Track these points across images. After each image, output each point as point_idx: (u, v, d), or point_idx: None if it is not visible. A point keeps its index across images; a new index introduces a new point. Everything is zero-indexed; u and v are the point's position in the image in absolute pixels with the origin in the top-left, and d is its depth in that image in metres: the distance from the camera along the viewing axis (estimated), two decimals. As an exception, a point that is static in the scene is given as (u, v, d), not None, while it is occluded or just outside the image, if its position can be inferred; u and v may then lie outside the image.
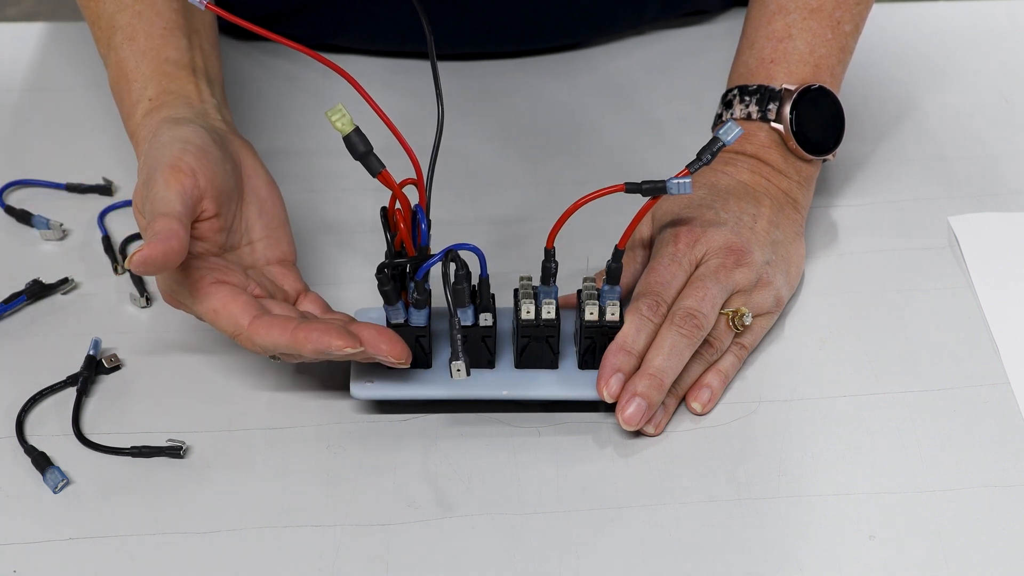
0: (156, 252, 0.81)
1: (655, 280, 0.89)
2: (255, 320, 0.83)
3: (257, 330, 0.83)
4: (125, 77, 0.94)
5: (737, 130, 0.85)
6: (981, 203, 1.04)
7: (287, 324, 0.82)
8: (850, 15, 0.99)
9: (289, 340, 0.82)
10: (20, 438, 0.87)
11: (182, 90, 0.93)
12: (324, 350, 0.81)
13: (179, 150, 0.86)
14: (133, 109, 0.93)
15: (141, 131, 0.91)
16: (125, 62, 0.94)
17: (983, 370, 0.91)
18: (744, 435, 0.88)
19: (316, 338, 0.81)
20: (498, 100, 1.14)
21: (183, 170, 0.85)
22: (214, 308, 0.84)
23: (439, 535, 0.82)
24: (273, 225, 0.90)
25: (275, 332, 0.82)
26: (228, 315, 0.83)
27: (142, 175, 0.87)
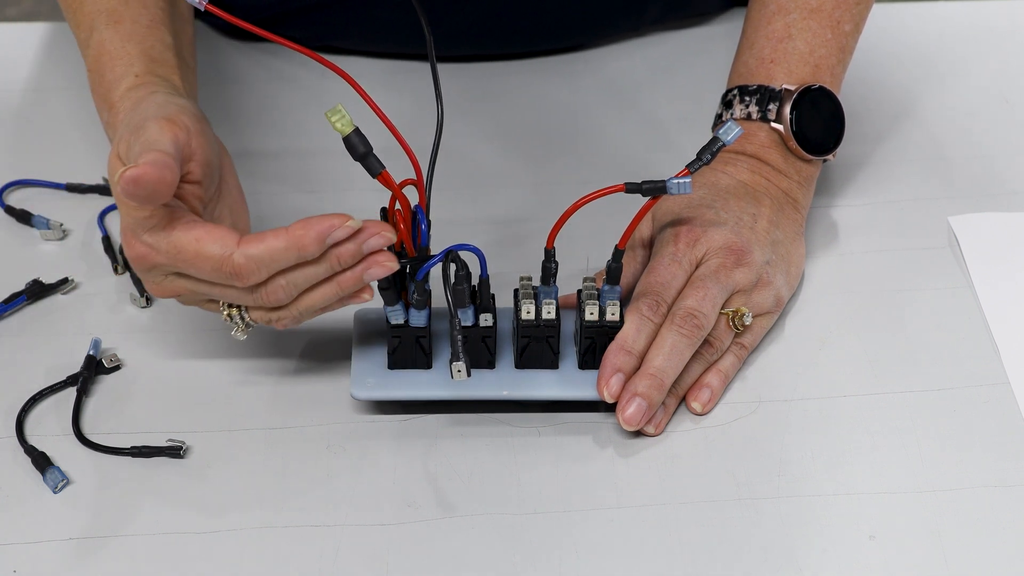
0: (149, 174, 0.77)
1: (655, 280, 0.89)
2: (246, 236, 0.79)
3: (250, 242, 0.79)
4: (108, 55, 0.91)
5: (737, 130, 0.85)
6: (981, 203, 1.04)
7: (279, 229, 0.79)
8: (850, 15, 0.99)
9: (287, 240, 0.78)
10: (20, 438, 0.87)
11: (168, 77, 0.91)
12: (327, 234, 0.78)
13: (176, 109, 0.84)
14: (116, 83, 0.89)
15: (125, 103, 0.88)
16: (109, 43, 0.91)
17: (983, 370, 0.91)
18: (744, 435, 0.88)
19: (316, 224, 0.78)
20: (498, 101, 1.14)
21: (178, 124, 0.82)
22: (197, 236, 0.79)
23: (439, 535, 0.82)
24: (241, 227, 0.88)
25: (269, 238, 0.79)
26: (215, 238, 0.79)
27: (128, 127, 0.83)
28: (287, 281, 0.81)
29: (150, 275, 0.83)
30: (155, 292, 0.84)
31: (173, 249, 0.80)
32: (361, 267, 0.81)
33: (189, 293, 0.84)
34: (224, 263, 0.79)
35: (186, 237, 0.79)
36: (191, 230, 0.79)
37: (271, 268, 0.80)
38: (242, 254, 0.79)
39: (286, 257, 0.79)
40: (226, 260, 0.79)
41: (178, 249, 0.80)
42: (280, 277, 0.81)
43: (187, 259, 0.80)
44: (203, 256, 0.79)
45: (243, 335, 0.86)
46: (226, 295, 0.83)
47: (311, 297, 0.83)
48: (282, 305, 0.83)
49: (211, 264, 0.79)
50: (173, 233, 0.80)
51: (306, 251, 0.79)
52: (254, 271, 0.80)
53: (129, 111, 0.87)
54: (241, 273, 0.79)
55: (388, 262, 0.81)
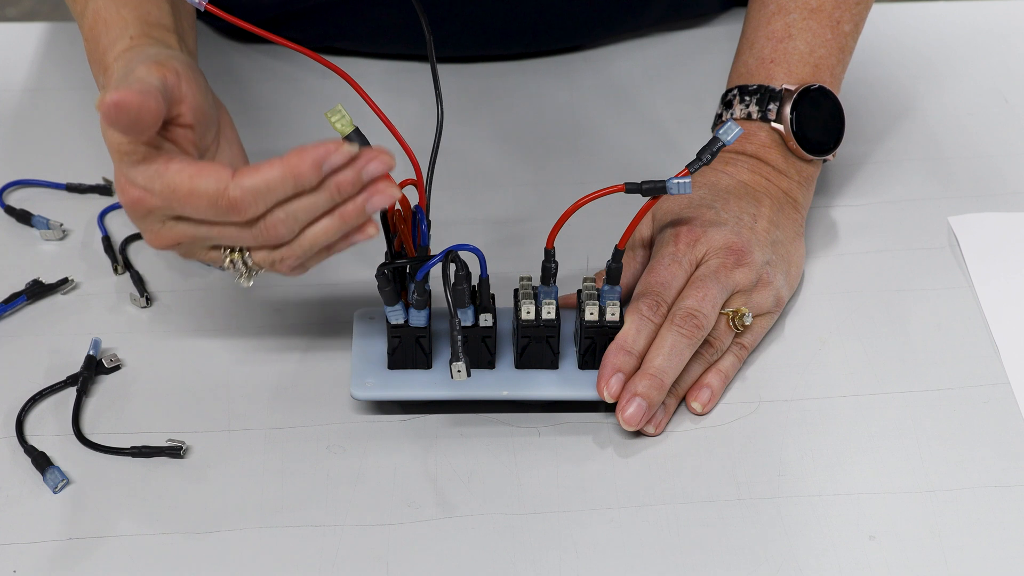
0: (132, 98, 0.74)
1: (655, 280, 0.89)
2: (241, 168, 0.76)
3: (245, 174, 0.76)
4: (103, 21, 0.87)
5: (737, 130, 0.85)
6: (981, 203, 1.04)
7: (274, 159, 0.76)
8: (850, 15, 0.99)
9: (283, 168, 0.76)
10: (20, 438, 0.87)
11: (165, 40, 0.87)
12: (323, 160, 0.75)
13: (168, 56, 0.81)
14: (111, 46, 0.86)
15: (119, 63, 0.84)
16: (104, 9, 0.88)
17: (983, 370, 0.91)
18: (744, 435, 0.88)
19: (312, 150, 0.75)
20: (498, 101, 1.14)
21: (168, 67, 0.80)
22: (190, 174, 0.77)
23: (439, 535, 0.82)
24: None
25: (265, 168, 0.76)
26: (209, 172, 0.76)
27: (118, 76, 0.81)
28: (286, 213, 0.78)
29: (147, 221, 0.80)
30: (154, 242, 0.82)
31: (167, 189, 0.78)
32: (363, 196, 0.78)
33: (188, 239, 0.81)
34: (220, 197, 0.76)
35: (180, 176, 0.77)
36: (184, 168, 0.77)
37: (268, 199, 0.77)
38: (237, 186, 0.76)
39: (283, 186, 0.76)
40: (222, 194, 0.76)
41: (172, 188, 0.77)
42: (279, 209, 0.78)
43: (182, 197, 0.77)
44: (198, 192, 0.77)
45: (248, 281, 0.83)
46: (225, 234, 0.80)
47: (313, 232, 0.79)
48: (284, 242, 0.80)
49: (207, 199, 0.77)
50: (167, 173, 0.77)
51: (303, 178, 0.76)
52: (251, 203, 0.77)
53: (122, 68, 0.84)
54: (238, 206, 0.77)
55: (389, 189, 0.78)
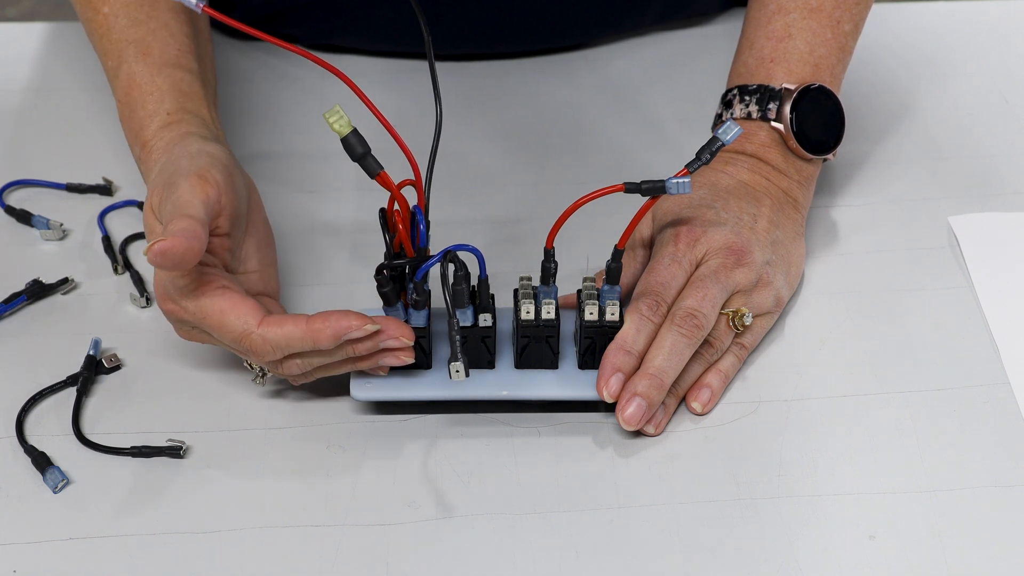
0: (178, 247, 0.80)
1: (655, 280, 0.89)
2: (267, 317, 0.83)
3: (270, 325, 0.82)
4: (139, 89, 0.94)
5: (736, 130, 0.85)
6: (981, 203, 1.04)
7: (299, 317, 0.82)
8: (849, 15, 0.99)
9: (304, 330, 0.82)
10: (20, 438, 0.87)
11: (198, 112, 0.94)
12: (343, 333, 0.81)
13: (207, 163, 0.87)
14: (148, 120, 0.93)
15: (158, 142, 0.91)
16: (139, 76, 0.94)
17: (983, 370, 0.91)
18: (744, 435, 0.88)
19: (334, 322, 0.81)
20: (497, 100, 1.14)
21: (209, 181, 0.85)
22: (222, 308, 0.83)
23: (439, 535, 0.82)
24: (267, 262, 0.91)
25: (288, 325, 0.82)
26: (239, 313, 0.83)
27: (161, 178, 0.86)
28: (303, 361, 0.85)
29: (178, 324, 0.87)
30: (183, 337, 0.87)
31: (200, 313, 0.84)
32: (376, 358, 0.84)
33: (213, 344, 0.87)
34: (243, 339, 0.83)
35: (212, 307, 0.83)
36: (217, 301, 0.83)
37: (286, 351, 0.83)
38: (260, 336, 0.82)
39: (302, 345, 0.82)
40: (245, 336, 0.83)
41: (204, 315, 0.84)
42: (296, 357, 0.84)
43: (210, 326, 0.84)
44: (225, 328, 0.83)
45: (262, 383, 0.89)
46: (245, 356, 0.86)
47: (326, 371, 0.86)
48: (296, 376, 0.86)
49: (231, 336, 0.83)
50: (200, 300, 0.83)
51: (321, 344, 0.82)
52: (270, 352, 0.83)
53: (162, 152, 0.90)
54: (257, 352, 0.83)
55: (404, 356, 0.84)
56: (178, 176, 0.85)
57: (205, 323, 0.84)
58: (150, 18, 0.96)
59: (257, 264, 0.90)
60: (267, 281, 0.90)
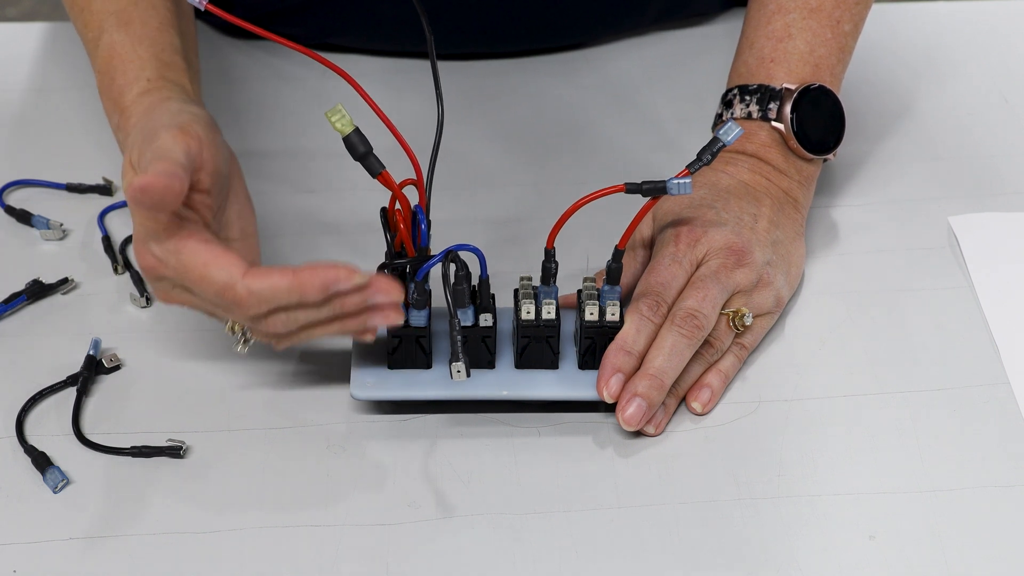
0: (157, 183, 0.77)
1: (655, 280, 0.89)
2: (252, 268, 0.79)
3: (255, 276, 0.79)
4: (119, 57, 0.92)
5: (737, 130, 0.85)
6: (981, 203, 1.04)
7: (286, 269, 0.79)
8: (849, 15, 0.99)
9: (291, 281, 0.78)
10: (20, 438, 0.87)
11: (179, 81, 0.91)
12: (331, 284, 0.78)
13: (189, 118, 0.84)
14: (128, 87, 0.90)
15: (136, 107, 0.89)
16: (119, 44, 0.92)
17: (983, 370, 0.91)
18: (744, 435, 0.88)
19: (322, 272, 0.78)
20: (498, 100, 1.14)
21: (191, 134, 0.82)
22: (204, 260, 0.80)
23: (439, 535, 0.82)
24: (248, 232, 0.88)
25: (274, 276, 0.79)
26: (221, 264, 0.79)
27: (140, 135, 0.84)
28: (288, 317, 0.81)
29: (158, 284, 0.83)
30: (162, 299, 0.84)
31: (180, 267, 0.80)
32: (365, 316, 0.81)
33: (194, 306, 0.84)
34: (226, 291, 0.80)
35: (194, 259, 0.80)
36: (199, 252, 0.80)
37: (272, 304, 0.80)
38: (245, 286, 0.79)
39: (288, 297, 0.79)
40: (228, 288, 0.79)
41: (185, 268, 0.80)
42: (281, 312, 0.81)
43: (192, 279, 0.80)
44: (207, 280, 0.80)
45: (244, 349, 0.87)
46: (228, 315, 0.83)
47: (311, 331, 0.83)
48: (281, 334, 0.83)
49: (214, 289, 0.80)
50: (182, 252, 0.80)
51: (308, 296, 0.79)
52: (254, 304, 0.80)
53: (141, 116, 0.87)
54: (242, 304, 0.80)
55: (393, 315, 0.81)
56: (160, 129, 0.83)
57: (187, 276, 0.81)
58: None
59: (239, 232, 0.86)
60: (248, 250, 0.87)
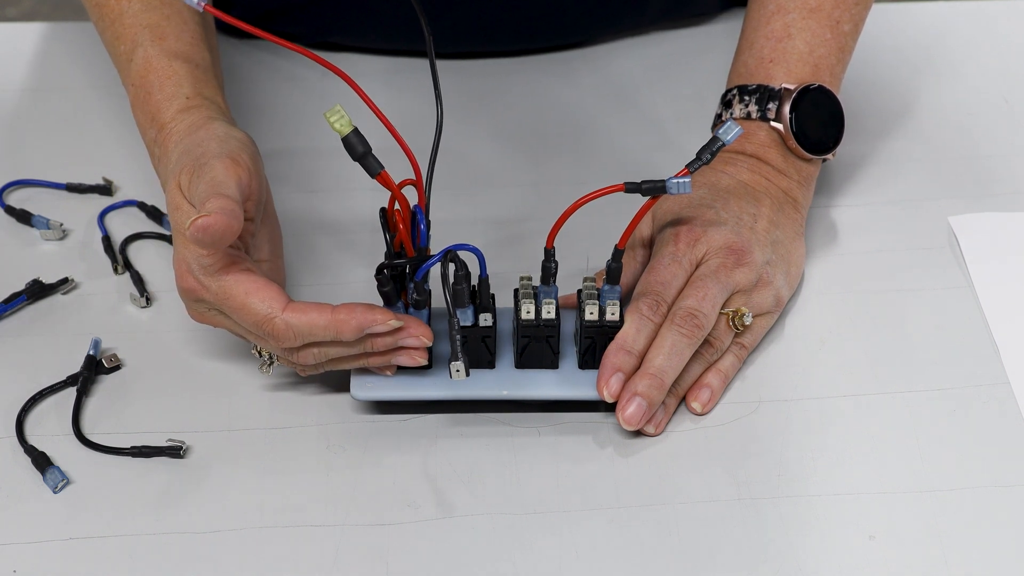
0: (219, 223, 0.80)
1: (655, 280, 0.89)
2: (292, 303, 0.83)
3: (294, 311, 0.82)
4: (156, 72, 0.94)
5: (736, 130, 0.85)
6: (981, 203, 1.04)
7: (324, 306, 0.82)
8: (849, 15, 0.99)
9: (329, 320, 0.82)
10: (20, 438, 0.87)
11: (215, 99, 0.94)
12: (368, 326, 0.82)
13: (238, 146, 0.87)
14: (167, 103, 0.92)
15: (177, 124, 0.91)
16: (155, 59, 0.94)
17: (983, 370, 0.91)
18: (744, 435, 0.88)
19: (360, 315, 0.82)
20: (497, 100, 1.14)
21: (241, 164, 0.85)
22: (247, 290, 0.83)
23: (439, 535, 0.82)
24: (276, 253, 0.91)
25: (313, 313, 0.82)
26: (263, 297, 0.82)
27: (189, 159, 0.86)
28: (319, 351, 0.84)
29: (195, 305, 0.86)
30: (195, 318, 0.87)
31: (223, 294, 0.83)
32: (391, 356, 0.85)
33: (227, 329, 0.87)
34: (265, 323, 0.82)
35: (237, 288, 0.83)
36: (242, 282, 0.83)
37: (307, 339, 0.83)
38: (284, 321, 0.82)
39: (324, 334, 0.82)
40: (268, 320, 0.82)
41: (227, 296, 0.83)
42: (314, 346, 0.84)
43: (232, 308, 0.83)
44: (248, 310, 0.83)
45: (269, 372, 0.89)
46: (260, 342, 0.86)
47: (337, 364, 0.86)
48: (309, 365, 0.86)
49: (253, 320, 0.83)
50: (225, 280, 0.83)
51: (343, 336, 0.82)
52: (291, 338, 0.83)
53: (184, 134, 0.90)
54: (279, 336, 0.83)
55: (419, 356, 0.85)
56: (210, 157, 0.85)
57: (227, 304, 0.83)
58: (163, 4, 0.97)
59: (268, 254, 0.90)
60: (276, 271, 0.90)
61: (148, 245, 1.00)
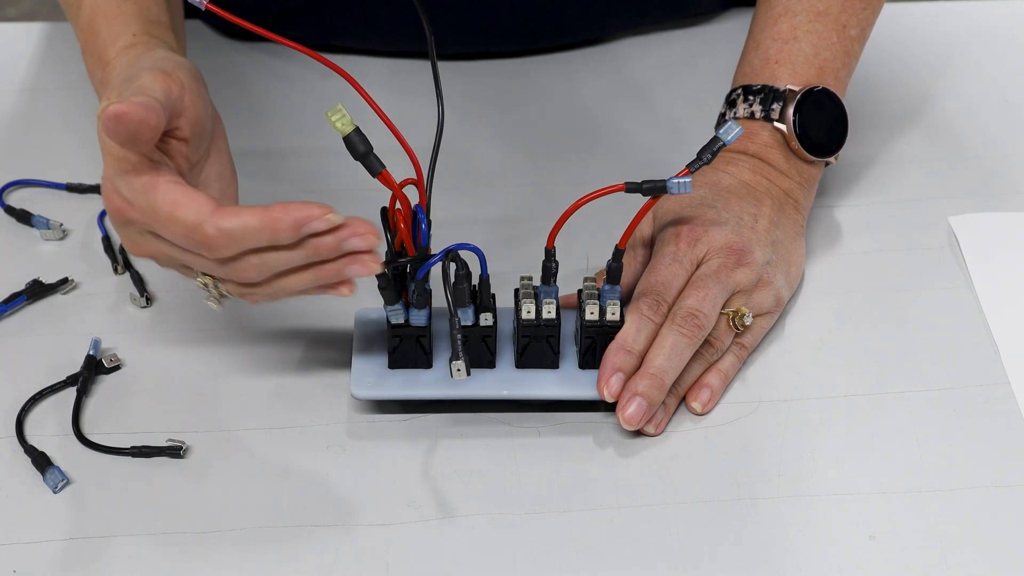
0: (133, 112, 0.74)
1: (656, 279, 0.89)
2: (221, 207, 0.76)
3: (225, 214, 0.76)
4: (103, 14, 0.89)
5: (737, 130, 0.85)
6: (981, 203, 1.04)
7: (256, 207, 0.76)
8: (856, 20, 0.99)
9: (262, 218, 0.76)
10: (20, 438, 0.87)
11: (166, 39, 0.89)
12: (304, 222, 0.76)
13: (174, 65, 0.82)
14: (112, 42, 0.87)
15: (120, 59, 0.86)
16: (103, 3, 0.90)
17: (983, 370, 0.91)
18: (744, 435, 0.88)
19: (295, 210, 0.75)
20: (498, 100, 1.14)
21: (173, 78, 0.80)
22: (173, 199, 0.77)
23: (439, 535, 0.82)
24: (228, 194, 0.85)
25: (245, 214, 0.76)
26: (190, 202, 0.76)
27: (122, 78, 0.81)
28: (259, 260, 0.78)
29: (126, 230, 0.81)
30: (131, 249, 0.83)
31: (148, 207, 0.78)
32: (342, 262, 0.79)
33: (163, 256, 0.82)
34: (195, 231, 0.77)
35: (163, 198, 0.77)
36: (169, 192, 0.77)
37: (242, 245, 0.77)
38: (214, 225, 0.76)
39: (259, 238, 0.77)
40: (197, 228, 0.77)
41: (153, 208, 0.78)
42: (252, 256, 0.78)
43: (160, 220, 0.78)
44: (175, 220, 0.77)
45: (217, 306, 0.84)
46: (197, 263, 0.81)
47: (286, 281, 0.80)
48: (254, 283, 0.81)
49: (182, 230, 0.77)
50: (151, 192, 0.78)
51: (279, 235, 0.76)
52: (224, 245, 0.77)
53: (124, 67, 0.85)
54: (211, 244, 0.77)
55: (372, 263, 0.79)
56: (142, 71, 0.81)
57: (155, 217, 0.78)
58: None
59: (217, 193, 0.84)
60: None
61: (128, 248, 1.00)
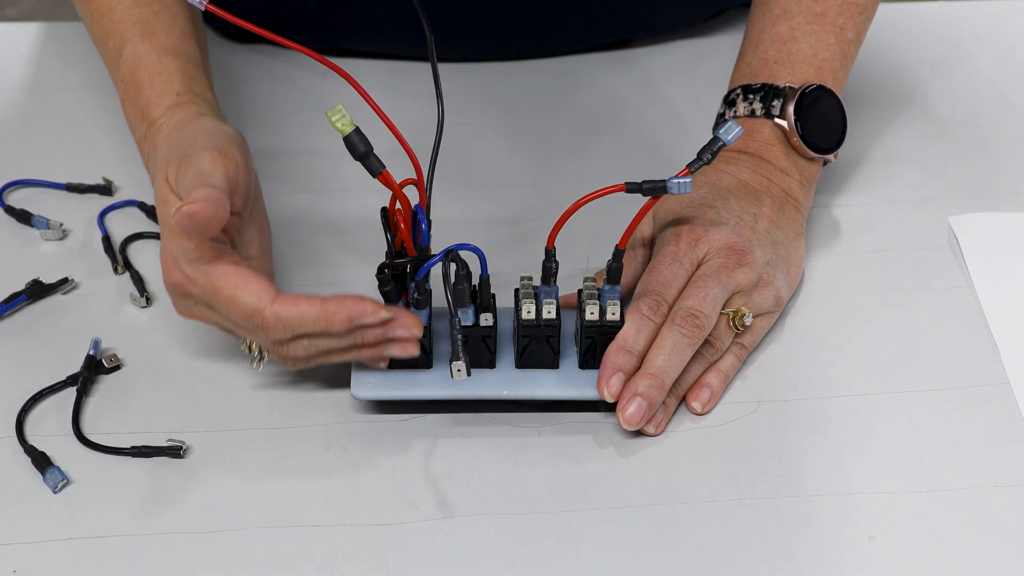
0: (205, 211, 0.80)
1: (656, 280, 0.89)
2: (281, 295, 0.82)
3: (284, 303, 0.81)
4: (146, 68, 0.94)
5: (737, 130, 0.85)
6: (981, 203, 1.04)
7: (313, 298, 0.82)
8: (853, 23, 0.99)
9: (319, 311, 0.81)
10: (20, 438, 0.87)
11: (205, 95, 0.93)
12: (357, 318, 0.81)
13: (226, 140, 0.86)
14: (157, 99, 0.92)
15: (167, 121, 0.91)
16: (145, 55, 0.94)
17: (983, 370, 0.91)
18: (744, 435, 0.88)
19: (349, 306, 0.81)
20: (498, 101, 1.14)
21: (229, 157, 0.85)
22: (235, 283, 0.82)
23: (439, 535, 0.82)
24: (265, 248, 0.90)
25: (302, 304, 0.81)
26: (252, 289, 0.82)
27: (177, 152, 0.86)
28: (310, 343, 0.83)
29: (182, 300, 0.85)
30: (182, 314, 0.86)
31: (210, 288, 0.82)
32: (383, 347, 0.84)
33: (215, 325, 0.86)
34: (255, 315, 0.82)
35: (225, 281, 0.82)
36: (231, 275, 0.82)
37: (297, 331, 0.82)
38: (273, 313, 0.81)
39: (314, 326, 0.82)
40: (257, 313, 0.82)
41: (215, 290, 0.82)
42: (304, 339, 0.83)
43: (221, 301, 0.82)
44: (237, 303, 0.82)
45: (259, 367, 0.88)
46: (250, 338, 0.85)
47: (328, 357, 0.85)
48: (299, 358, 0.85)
49: (242, 313, 0.82)
50: (213, 273, 0.82)
51: (333, 327, 0.82)
52: (281, 330, 0.82)
53: (173, 131, 0.89)
54: (268, 329, 0.82)
55: (411, 347, 0.84)
56: (197, 150, 0.85)
57: (215, 297, 0.83)
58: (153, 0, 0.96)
59: (257, 250, 0.89)
60: (265, 268, 0.89)
61: (148, 245, 1.00)
